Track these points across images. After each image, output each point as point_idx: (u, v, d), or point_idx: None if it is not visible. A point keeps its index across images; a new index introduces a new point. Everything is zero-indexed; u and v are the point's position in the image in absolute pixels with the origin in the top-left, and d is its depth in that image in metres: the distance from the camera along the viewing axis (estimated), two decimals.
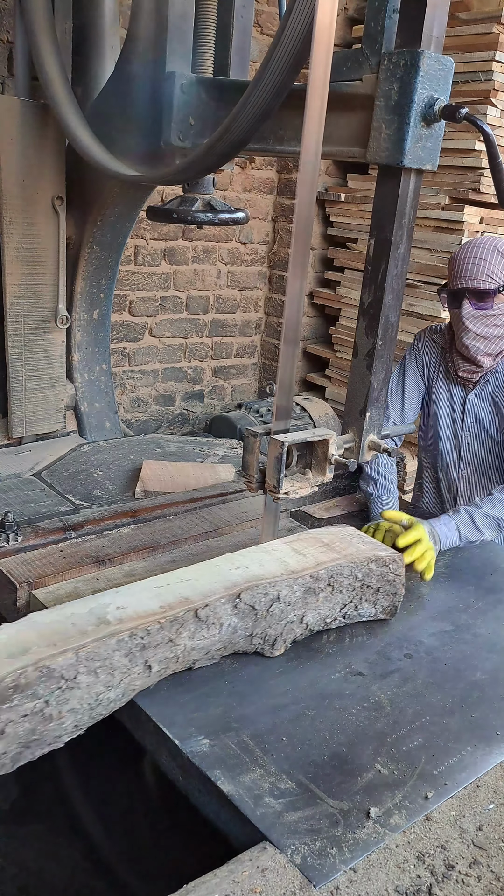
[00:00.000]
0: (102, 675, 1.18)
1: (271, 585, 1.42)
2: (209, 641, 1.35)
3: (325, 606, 1.51)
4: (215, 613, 1.34)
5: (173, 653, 1.30)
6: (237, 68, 1.96)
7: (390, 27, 1.34)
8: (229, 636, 1.38)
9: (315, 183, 1.34)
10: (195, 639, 1.32)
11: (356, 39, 3.86)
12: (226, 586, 1.39)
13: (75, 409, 2.64)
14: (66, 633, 1.21)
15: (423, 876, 1.03)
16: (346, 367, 3.93)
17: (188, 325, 4.11)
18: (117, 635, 1.22)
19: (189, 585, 1.39)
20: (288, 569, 1.48)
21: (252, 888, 0.98)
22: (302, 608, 1.47)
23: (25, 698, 1.09)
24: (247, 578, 1.42)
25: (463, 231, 3.38)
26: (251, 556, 1.52)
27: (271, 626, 1.43)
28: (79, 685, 1.15)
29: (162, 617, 1.28)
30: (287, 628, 1.46)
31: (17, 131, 2.13)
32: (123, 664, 1.21)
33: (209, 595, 1.36)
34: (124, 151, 1.91)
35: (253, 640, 1.42)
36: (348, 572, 1.53)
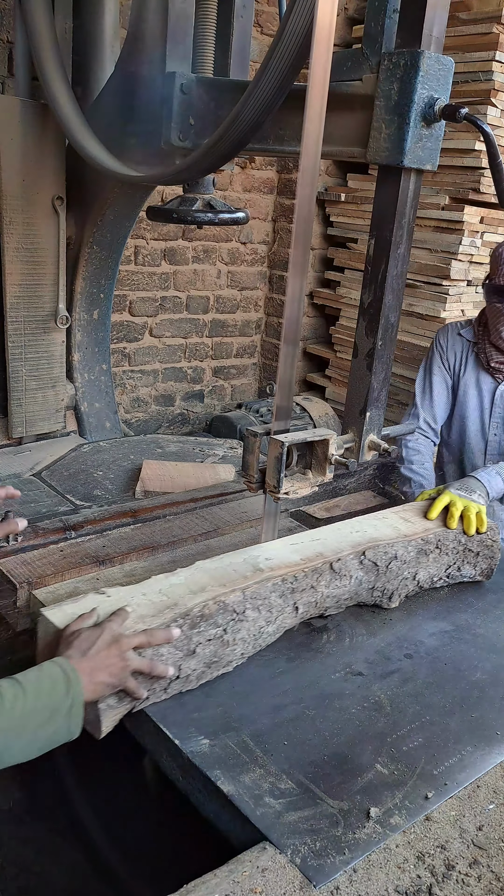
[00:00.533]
0: (263, 611, 1.41)
1: (389, 546, 1.62)
2: (341, 591, 1.55)
3: (434, 566, 1.71)
4: (346, 567, 1.55)
5: (314, 598, 1.51)
6: (237, 68, 1.96)
7: (390, 27, 1.34)
8: (356, 588, 1.58)
9: (315, 183, 1.34)
10: (330, 588, 1.53)
11: (356, 39, 3.86)
12: (352, 544, 1.60)
13: (75, 409, 2.64)
14: (231, 577, 1.44)
15: (423, 876, 1.03)
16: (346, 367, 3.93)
17: (188, 325, 4.11)
18: (272, 580, 1.45)
19: (320, 543, 1.60)
20: (401, 533, 1.69)
21: (252, 888, 0.98)
22: (415, 566, 1.67)
23: (210, 626, 1.32)
24: (368, 539, 1.64)
25: (463, 231, 3.38)
26: (367, 523, 1.74)
27: (389, 580, 1.63)
28: (247, 618, 1.38)
29: (305, 567, 1.50)
30: (402, 584, 1.65)
31: (17, 131, 2.13)
32: (278, 604, 1.44)
33: (339, 551, 1.57)
34: (124, 151, 1.91)
35: (374, 592, 1.62)
36: (453, 537, 1.74)
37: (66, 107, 1.92)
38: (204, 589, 1.39)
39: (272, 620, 1.43)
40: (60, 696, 1.09)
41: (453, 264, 3.41)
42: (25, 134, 2.15)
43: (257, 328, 4.45)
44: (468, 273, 3.50)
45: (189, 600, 1.34)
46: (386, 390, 1.61)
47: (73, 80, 2.20)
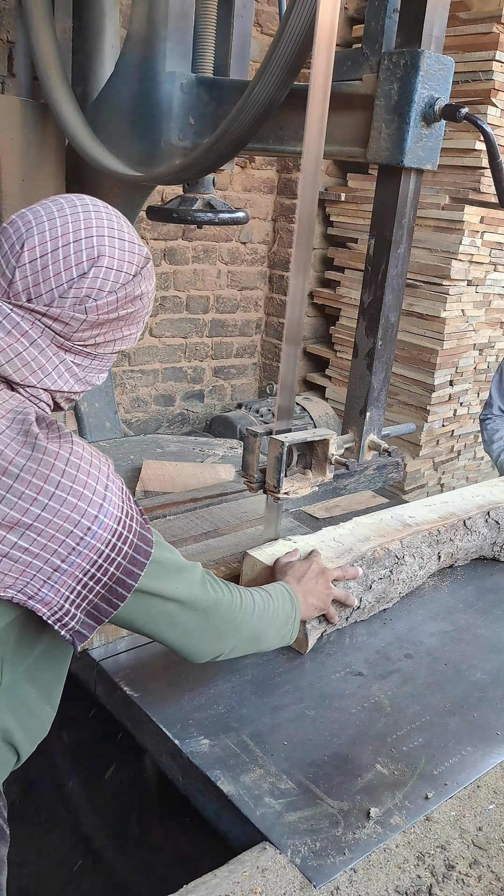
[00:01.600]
0: (417, 558, 1.65)
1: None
2: (471, 544, 1.79)
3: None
4: (476, 524, 1.80)
5: (451, 549, 1.74)
6: (237, 68, 1.97)
7: (390, 27, 1.34)
8: (481, 542, 1.82)
9: (317, 182, 1.34)
10: (463, 541, 1.77)
11: (356, 39, 3.86)
12: (476, 506, 1.84)
13: (75, 408, 2.64)
14: (387, 529, 1.67)
15: (424, 876, 1.03)
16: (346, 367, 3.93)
17: (188, 325, 4.11)
18: (420, 532, 1.68)
19: (451, 505, 1.84)
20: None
21: (252, 888, 0.98)
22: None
23: (380, 567, 1.57)
24: (489, 502, 1.88)
25: (463, 231, 3.38)
26: (483, 489, 1.98)
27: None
28: (405, 563, 1.62)
29: (444, 523, 1.74)
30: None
31: (17, 131, 2.13)
32: (427, 552, 1.68)
33: (468, 511, 1.81)
34: (124, 151, 1.91)
35: (494, 547, 1.86)
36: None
37: (66, 107, 1.92)
38: (368, 539, 1.62)
39: (423, 566, 1.68)
40: (290, 607, 1.32)
41: (453, 264, 3.42)
42: (25, 134, 2.15)
43: (257, 328, 4.45)
44: (468, 273, 3.50)
45: (360, 546, 1.58)
46: (386, 390, 1.61)
47: (73, 80, 2.20)
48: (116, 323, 1.03)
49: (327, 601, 1.41)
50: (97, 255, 0.98)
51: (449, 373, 3.63)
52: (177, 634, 1.12)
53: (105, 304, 0.99)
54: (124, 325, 1.06)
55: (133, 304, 1.04)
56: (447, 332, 3.51)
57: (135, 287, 1.03)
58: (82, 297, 0.98)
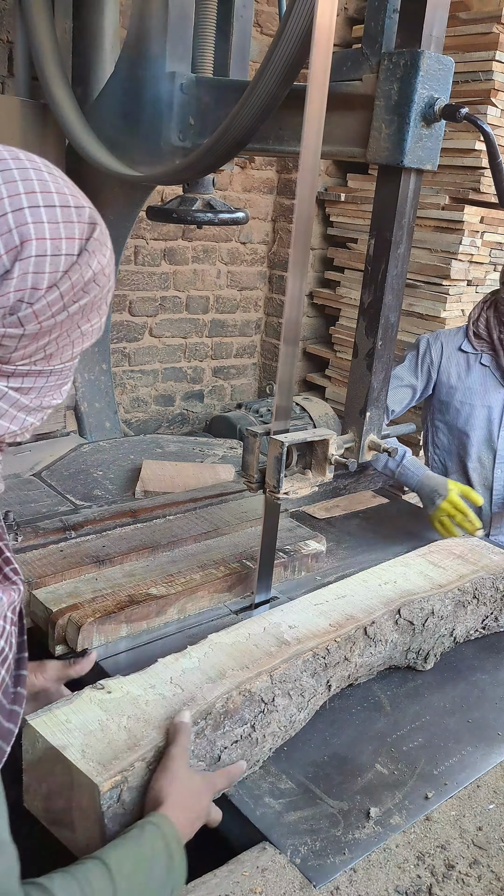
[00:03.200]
0: (295, 696, 1.21)
1: (425, 600, 1.44)
2: (374, 658, 1.37)
3: (471, 619, 1.53)
4: (381, 630, 1.37)
5: (347, 671, 1.31)
6: (237, 68, 1.96)
7: (390, 27, 1.34)
8: (390, 652, 1.40)
9: (315, 183, 1.34)
10: (364, 656, 1.34)
11: (356, 39, 3.86)
12: (383, 602, 1.42)
13: (75, 408, 2.64)
14: (253, 655, 1.24)
15: (424, 876, 1.03)
16: (346, 367, 3.93)
17: (188, 325, 4.11)
18: (302, 655, 1.24)
19: (348, 602, 1.42)
20: (435, 583, 1.52)
21: (252, 888, 0.98)
22: (452, 621, 1.49)
23: (235, 723, 1.11)
24: (400, 594, 1.46)
25: (463, 231, 3.38)
26: (394, 571, 1.55)
27: (426, 640, 1.45)
28: (277, 707, 1.17)
29: (336, 636, 1.30)
30: (438, 642, 1.48)
31: (17, 131, 2.13)
32: (311, 685, 1.24)
33: (371, 611, 1.39)
34: (124, 151, 1.91)
35: (408, 654, 1.44)
36: (490, 584, 1.56)
37: (66, 107, 1.92)
38: (224, 674, 1.18)
39: (304, 706, 1.23)
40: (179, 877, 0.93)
41: (453, 264, 3.41)
42: (25, 134, 2.15)
43: (257, 328, 4.45)
44: (468, 273, 3.50)
45: (209, 692, 1.13)
46: (386, 390, 1.61)
47: (73, 80, 2.20)
48: (68, 322, 0.77)
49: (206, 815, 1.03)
50: (20, 243, 0.70)
51: None
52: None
53: (46, 305, 0.73)
54: (81, 320, 0.79)
55: (86, 290, 0.78)
56: None
57: (83, 269, 0.77)
58: (12, 306, 0.71)
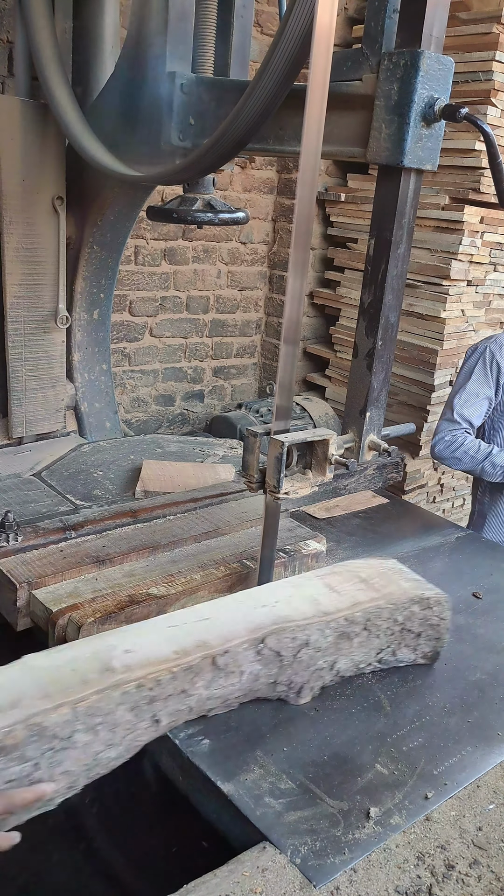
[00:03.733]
0: (103, 732, 1.06)
1: (301, 629, 1.29)
2: (227, 690, 1.24)
3: (360, 652, 1.40)
4: (235, 661, 1.22)
5: (186, 704, 1.19)
6: (237, 68, 1.96)
7: (390, 27, 1.34)
8: (250, 684, 1.27)
9: (315, 183, 1.34)
10: (212, 688, 1.21)
11: (356, 39, 3.86)
12: (249, 629, 1.26)
13: (75, 409, 2.64)
14: (65, 682, 1.06)
15: (423, 876, 1.03)
16: (346, 367, 3.93)
17: (188, 325, 4.11)
18: (122, 686, 1.08)
19: (207, 626, 1.25)
20: (320, 609, 1.35)
21: (252, 888, 0.98)
22: (334, 654, 1.35)
23: (11, 761, 0.96)
24: (273, 620, 1.29)
25: (463, 231, 3.38)
26: (279, 593, 1.38)
27: (298, 672, 1.32)
28: (75, 745, 1.02)
29: (175, 665, 1.15)
30: (315, 675, 1.35)
31: (17, 131, 2.13)
32: (128, 720, 1.09)
33: (230, 639, 1.22)
34: (124, 151, 1.91)
35: (277, 687, 1.31)
36: (388, 615, 1.39)
37: (66, 107, 1.92)
38: (17, 703, 1.00)
39: (115, 743, 1.08)
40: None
41: (453, 264, 3.41)
42: (25, 134, 2.15)
43: (257, 328, 4.45)
44: (468, 273, 3.50)
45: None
46: (386, 390, 1.61)
47: (73, 80, 2.20)
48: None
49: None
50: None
51: (449, 373, 3.63)
52: None
53: None
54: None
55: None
56: (447, 333, 3.50)
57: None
58: None
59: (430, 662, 1.50)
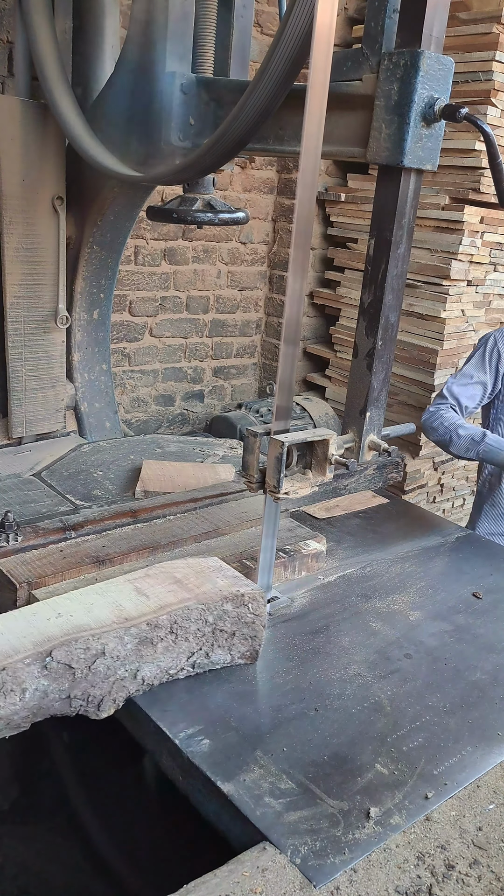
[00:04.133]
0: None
1: (95, 638, 1.23)
2: (8, 711, 1.14)
3: (167, 657, 1.32)
4: (15, 678, 1.14)
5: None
6: (237, 68, 1.96)
7: (390, 27, 1.34)
8: (38, 701, 1.17)
9: (315, 183, 1.34)
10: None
11: (356, 39, 3.86)
12: (36, 641, 1.19)
13: (75, 409, 2.64)
14: None
15: (424, 876, 1.03)
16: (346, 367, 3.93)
17: (188, 325, 4.11)
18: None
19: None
20: (122, 615, 1.30)
21: (252, 888, 0.98)
22: (136, 662, 1.28)
23: None
24: (66, 630, 1.23)
25: (463, 231, 3.38)
26: (80, 600, 1.33)
27: (95, 685, 1.23)
28: None
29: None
30: (117, 686, 1.26)
31: (17, 131, 2.13)
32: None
33: (10, 655, 1.16)
34: (124, 151, 1.91)
35: (72, 702, 1.22)
36: (196, 616, 1.34)
37: (65, 107, 1.92)
38: None
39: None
40: None
41: (453, 264, 3.41)
42: (25, 134, 2.15)
43: (257, 328, 4.45)
44: (468, 273, 3.50)
45: None
46: (386, 390, 1.61)
47: (73, 80, 2.20)
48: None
49: None
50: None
51: (449, 373, 3.63)
52: None
53: None
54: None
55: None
56: (447, 333, 3.50)
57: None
58: None
59: (251, 662, 1.44)
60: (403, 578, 1.81)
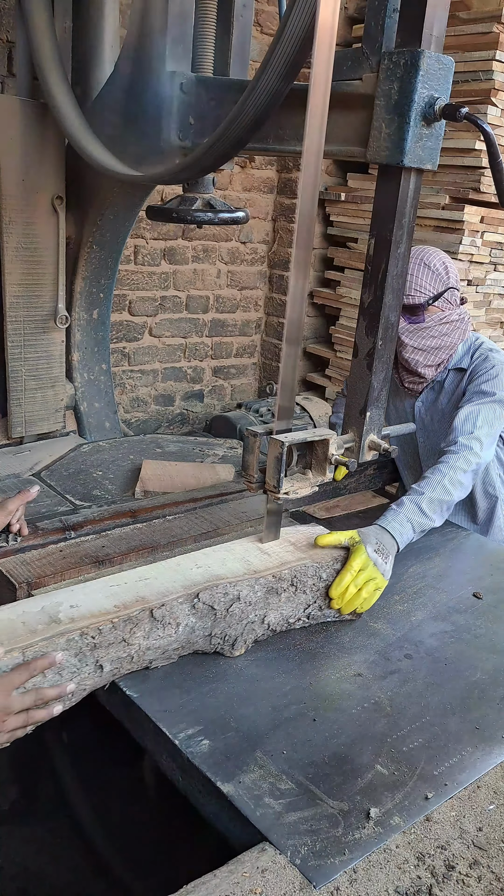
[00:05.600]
0: (50, 674, 1.18)
1: (232, 585, 1.42)
2: (165, 641, 1.34)
3: (288, 607, 1.50)
4: (172, 613, 1.34)
5: (127, 652, 1.29)
6: (237, 68, 1.96)
7: (390, 26, 1.34)
8: (187, 636, 1.37)
9: (317, 182, 1.34)
10: (150, 638, 1.31)
11: (356, 39, 3.86)
12: (185, 585, 1.40)
13: (75, 408, 2.64)
14: (15, 632, 1.21)
15: (424, 876, 1.03)
16: (346, 367, 3.93)
17: (188, 325, 4.11)
18: (67, 634, 1.21)
19: (147, 584, 1.39)
20: (251, 568, 1.49)
21: (252, 889, 0.98)
22: (263, 608, 1.46)
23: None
24: (207, 578, 1.43)
25: (463, 231, 3.38)
26: (214, 556, 1.52)
27: (231, 626, 1.42)
28: (25, 686, 1.15)
29: (115, 616, 1.28)
30: (248, 628, 1.45)
31: (17, 131, 2.13)
32: (72, 664, 1.21)
33: (166, 594, 1.36)
34: (124, 151, 1.91)
35: (212, 639, 1.41)
36: (312, 573, 1.52)
37: (65, 107, 1.92)
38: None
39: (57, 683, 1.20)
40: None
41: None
42: (25, 134, 2.15)
43: (257, 328, 4.45)
44: (468, 273, 3.50)
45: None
46: (386, 390, 1.61)
47: (73, 80, 2.19)
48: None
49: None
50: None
51: None
52: None
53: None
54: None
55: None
56: None
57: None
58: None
59: (356, 618, 1.59)
60: (403, 578, 1.80)
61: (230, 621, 1.42)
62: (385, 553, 1.62)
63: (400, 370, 2.13)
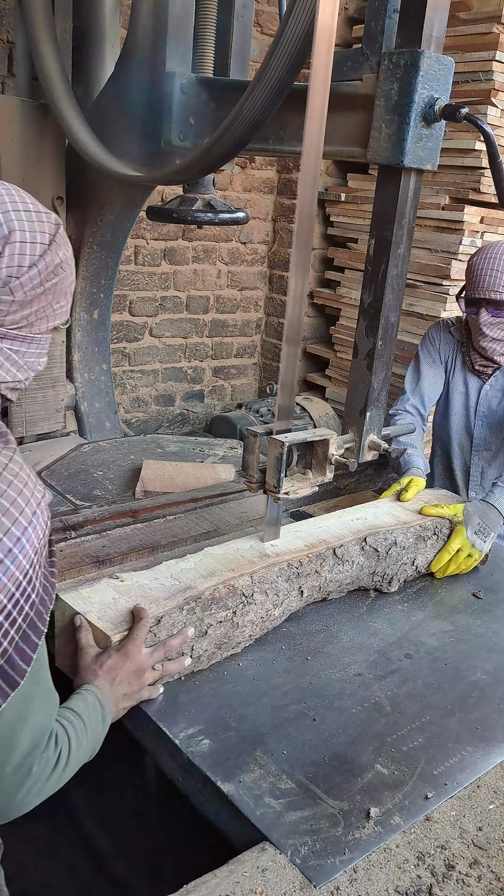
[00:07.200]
0: (271, 595, 1.47)
1: (389, 532, 1.69)
2: (343, 576, 1.61)
3: (431, 552, 1.77)
4: (348, 552, 1.61)
5: (317, 582, 1.56)
6: (237, 68, 1.97)
7: (390, 27, 1.34)
8: (357, 573, 1.63)
9: (317, 183, 1.34)
10: (333, 572, 1.59)
11: (356, 39, 3.86)
12: (353, 531, 1.67)
13: (75, 408, 2.64)
14: (239, 562, 1.51)
15: (424, 876, 1.03)
16: (346, 367, 3.93)
17: (188, 325, 4.11)
18: (278, 565, 1.50)
19: (323, 531, 1.67)
20: (400, 520, 1.77)
21: (252, 888, 0.98)
22: (413, 552, 1.73)
23: (220, 608, 1.39)
24: (368, 527, 1.71)
25: (463, 231, 3.38)
26: (367, 511, 1.81)
27: (389, 566, 1.69)
28: (255, 602, 1.44)
29: (308, 553, 1.56)
30: (401, 569, 1.71)
31: (17, 131, 2.13)
32: (284, 588, 1.49)
33: (341, 538, 1.63)
34: (124, 151, 1.91)
35: (374, 577, 1.68)
36: (448, 525, 1.80)
37: (66, 107, 1.92)
38: (213, 573, 1.45)
39: (279, 604, 1.49)
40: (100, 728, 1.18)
41: (453, 264, 3.42)
42: (25, 134, 2.15)
43: (257, 328, 4.45)
44: None
45: (200, 584, 1.41)
46: (386, 390, 1.61)
47: (73, 80, 2.20)
48: (45, 297, 1.03)
49: (141, 694, 1.26)
50: (7, 232, 0.97)
51: None
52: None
53: (28, 279, 0.99)
54: (53, 299, 1.05)
55: (56, 273, 1.04)
56: None
57: (53, 256, 1.03)
58: (4, 279, 0.97)
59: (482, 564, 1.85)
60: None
61: (389, 562, 1.68)
62: (485, 533, 1.80)
63: (472, 353, 2.30)
